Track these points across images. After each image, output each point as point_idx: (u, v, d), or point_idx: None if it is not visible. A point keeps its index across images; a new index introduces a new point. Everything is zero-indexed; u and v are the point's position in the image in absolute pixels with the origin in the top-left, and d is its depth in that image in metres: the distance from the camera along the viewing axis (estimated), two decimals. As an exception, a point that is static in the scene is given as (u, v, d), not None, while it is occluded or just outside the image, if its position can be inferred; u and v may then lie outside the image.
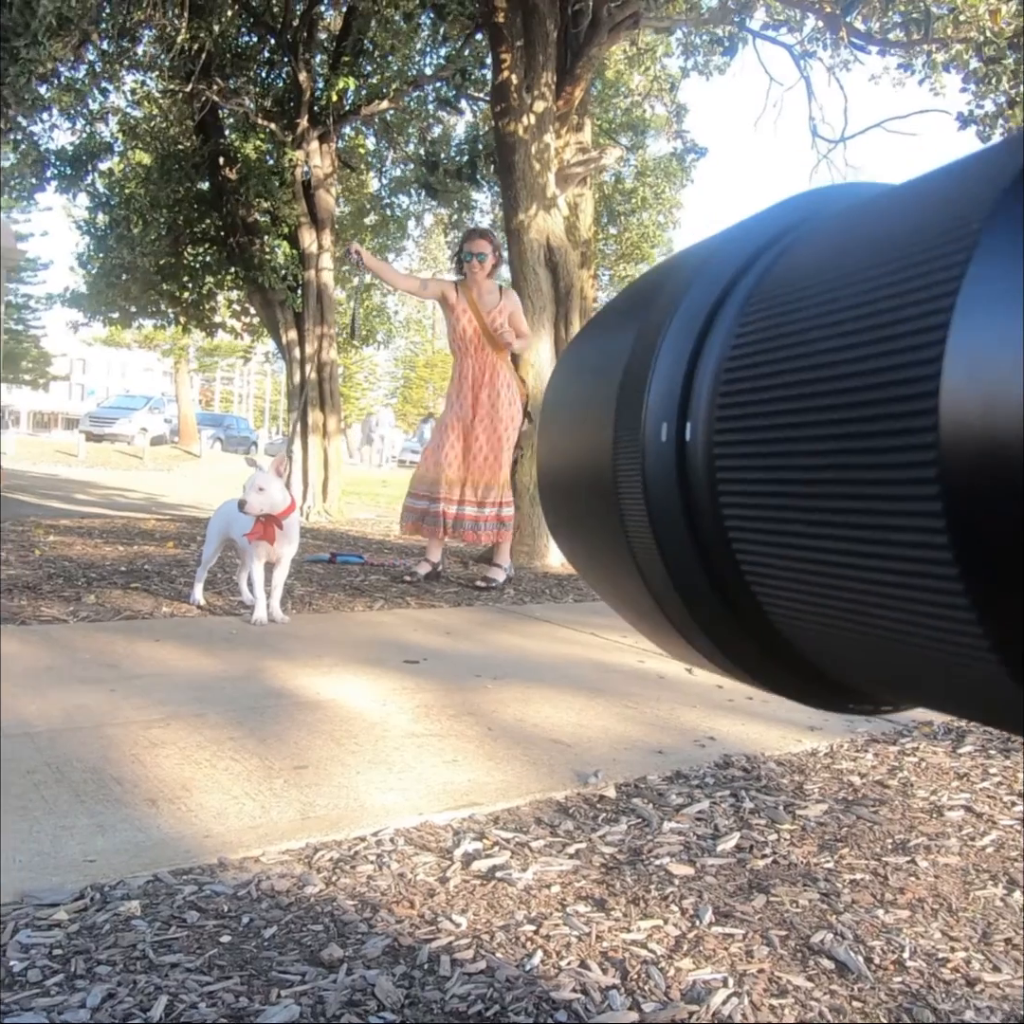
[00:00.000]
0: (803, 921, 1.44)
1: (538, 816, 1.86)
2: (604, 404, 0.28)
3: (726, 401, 0.24)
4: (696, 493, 0.24)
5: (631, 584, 0.29)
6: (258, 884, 1.48)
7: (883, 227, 0.21)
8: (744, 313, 0.24)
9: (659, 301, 0.27)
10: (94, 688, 2.54)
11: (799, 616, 0.23)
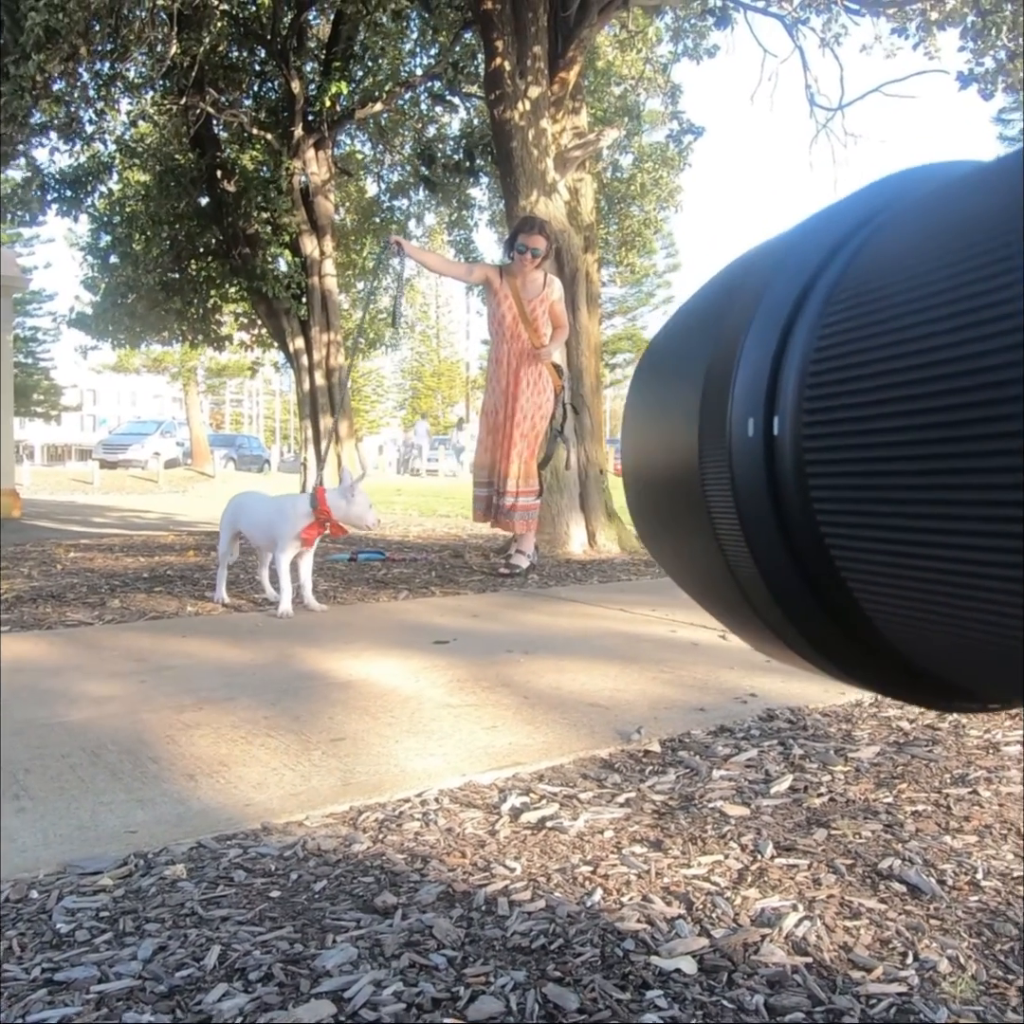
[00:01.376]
0: (868, 851, 1.39)
1: (584, 772, 1.81)
2: (688, 402, 0.27)
3: (814, 393, 0.23)
4: (786, 488, 0.24)
5: (724, 586, 0.28)
6: (304, 845, 1.45)
7: (968, 211, 0.21)
8: (829, 304, 0.24)
9: (741, 296, 0.27)
10: (124, 680, 2.51)
11: (900, 613, 0.22)
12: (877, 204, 0.25)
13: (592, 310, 6.23)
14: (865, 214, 0.25)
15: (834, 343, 0.23)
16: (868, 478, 0.21)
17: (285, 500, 3.71)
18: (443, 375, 47.03)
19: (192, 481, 23.80)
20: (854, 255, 0.24)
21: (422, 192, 9.69)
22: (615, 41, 9.00)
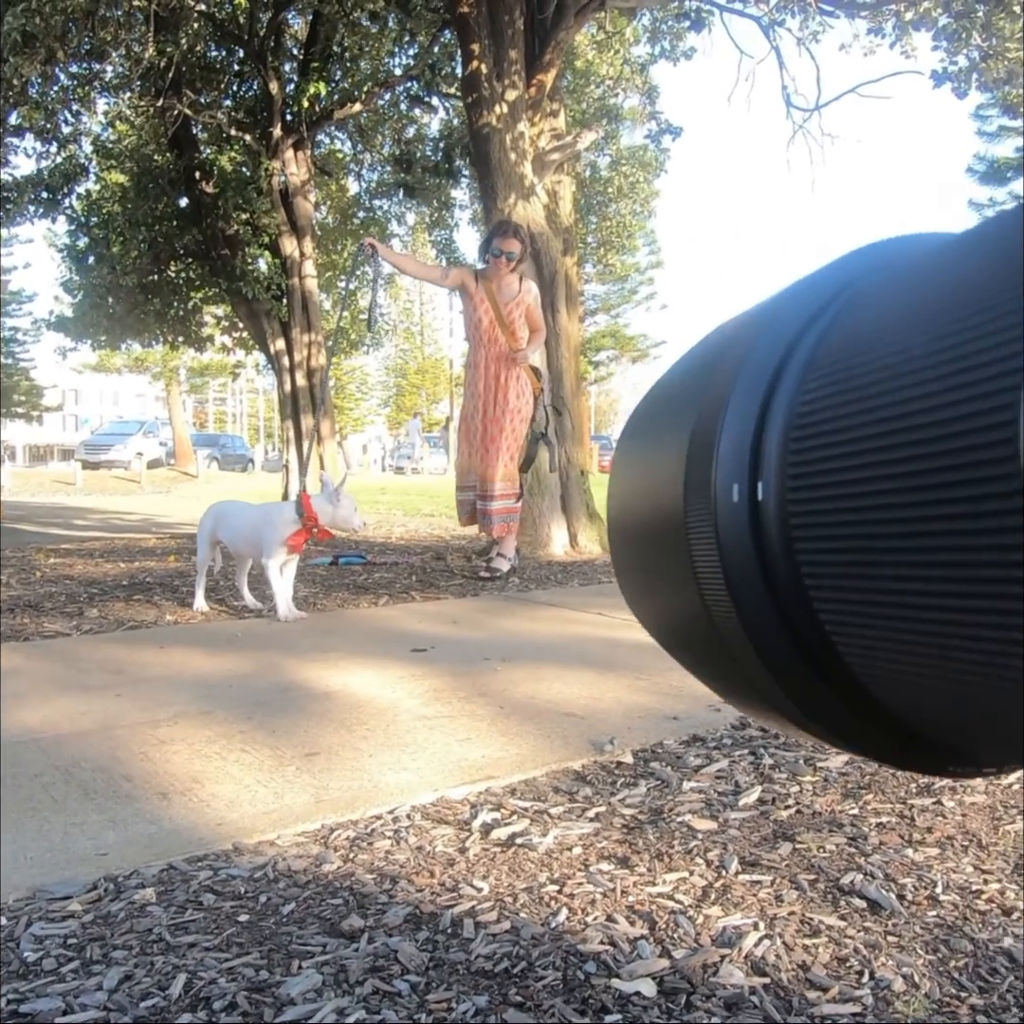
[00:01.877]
0: (831, 865, 1.41)
1: (555, 785, 1.83)
2: (673, 466, 0.28)
3: (797, 459, 0.23)
4: (772, 551, 0.24)
5: (709, 647, 0.28)
6: (274, 865, 1.46)
7: (945, 281, 0.21)
8: (808, 372, 0.24)
9: (722, 365, 0.27)
10: (99, 694, 2.51)
11: (890, 674, 0.22)
12: (851, 274, 0.26)
13: (572, 312, 6.25)
14: (839, 284, 0.26)
15: (814, 409, 0.23)
16: (852, 541, 0.22)
17: (271, 507, 3.72)
18: (427, 372, 46.94)
19: (175, 481, 23.70)
20: (831, 324, 0.25)
21: (401, 195, 9.68)
22: (593, 42, 9.01)
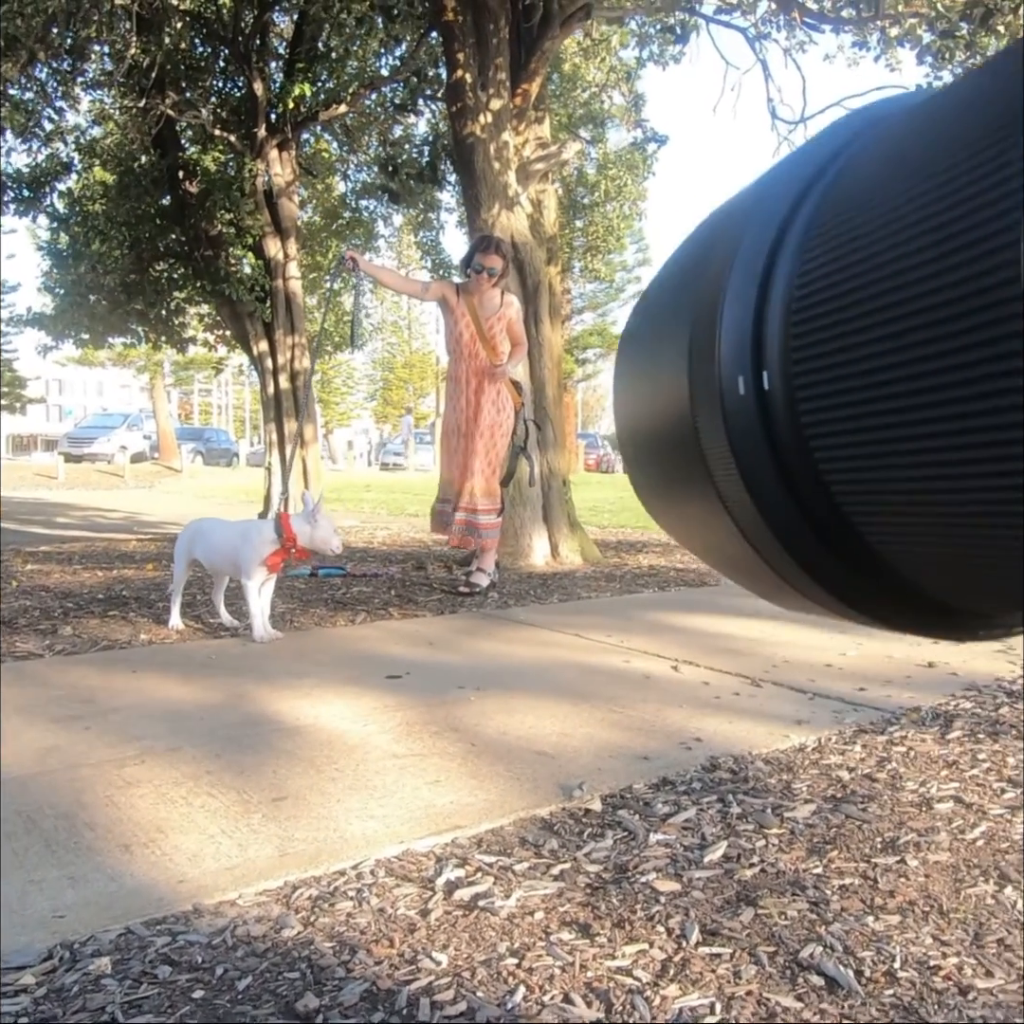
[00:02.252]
0: (792, 935, 1.41)
1: (522, 836, 1.82)
2: (675, 365, 0.27)
3: (799, 343, 0.23)
4: (783, 439, 0.24)
5: (727, 537, 0.28)
6: (233, 931, 1.44)
7: (933, 134, 0.21)
8: (804, 249, 0.24)
9: (717, 252, 0.27)
10: (68, 727, 2.49)
11: (905, 540, 0.23)
12: (842, 141, 0.26)
13: (554, 322, 6.24)
14: (831, 152, 0.25)
15: (813, 289, 0.23)
16: (861, 420, 0.22)
17: (249, 526, 3.70)
18: (414, 366, 46.83)
19: (159, 476, 23.58)
20: (824, 194, 0.24)
21: (385, 201, 9.63)
22: (579, 49, 8.98)
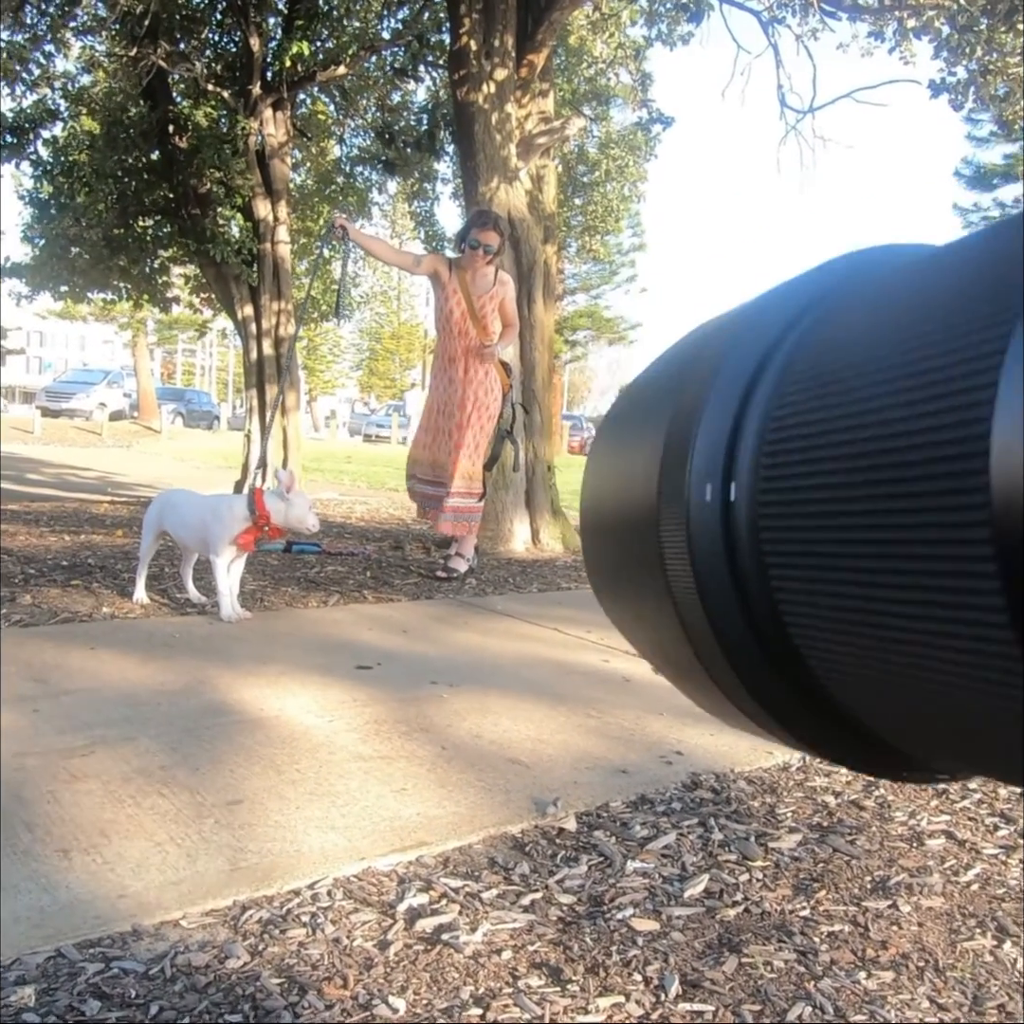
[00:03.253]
0: (779, 990, 1.31)
1: (492, 856, 1.71)
2: (648, 465, 0.28)
3: (770, 461, 0.24)
4: (741, 550, 0.24)
5: (678, 647, 0.28)
6: (174, 959, 1.33)
7: (923, 293, 0.21)
8: (786, 376, 0.24)
9: (699, 367, 0.28)
10: (17, 709, 2.35)
11: (847, 675, 0.23)
12: (833, 280, 0.26)
13: (548, 303, 6.09)
14: (820, 290, 0.26)
15: (790, 413, 0.23)
16: (820, 545, 0.22)
17: (220, 501, 3.54)
18: (402, 338, 46.39)
19: (137, 436, 23.23)
20: (809, 330, 0.25)
21: (380, 170, 9.39)
22: (588, 22, 8.75)
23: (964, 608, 0.18)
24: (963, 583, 0.18)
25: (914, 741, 0.23)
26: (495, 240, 4.45)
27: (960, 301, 0.19)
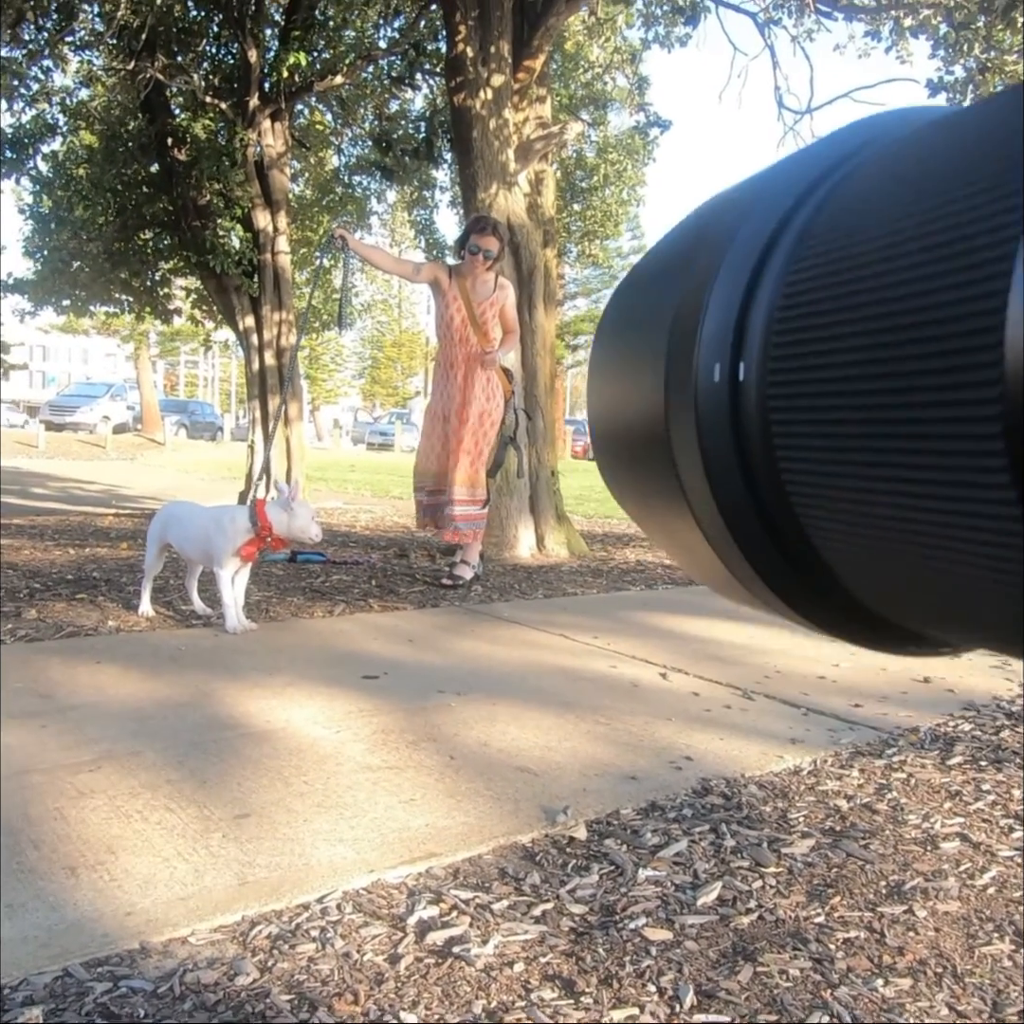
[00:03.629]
0: (795, 999, 1.29)
1: (502, 866, 1.70)
2: (654, 348, 0.27)
3: (780, 340, 0.23)
4: (749, 431, 0.24)
5: (685, 530, 0.28)
6: (183, 976, 1.31)
7: (941, 157, 0.20)
8: (797, 250, 0.24)
9: (708, 242, 0.27)
10: (23, 725, 2.34)
11: (855, 555, 0.23)
12: (849, 147, 0.25)
13: (549, 308, 6.08)
14: (837, 158, 0.25)
15: (802, 289, 0.23)
16: (827, 425, 0.22)
17: (223, 513, 3.54)
18: (403, 346, 46.46)
19: (141, 448, 23.27)
20: (824, 200, 0.24)
21: (379, 178, 9.40)
22: (584, 27, 8.75)
23: (969, 471, 0.18)
24: (970, 449, 0.18)
25: (916, 614, 0.24)
26: (494, 245, 4.45)
27: (973, 172, 0.19)
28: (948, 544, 0.19)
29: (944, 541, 0.20)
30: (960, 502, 0.19)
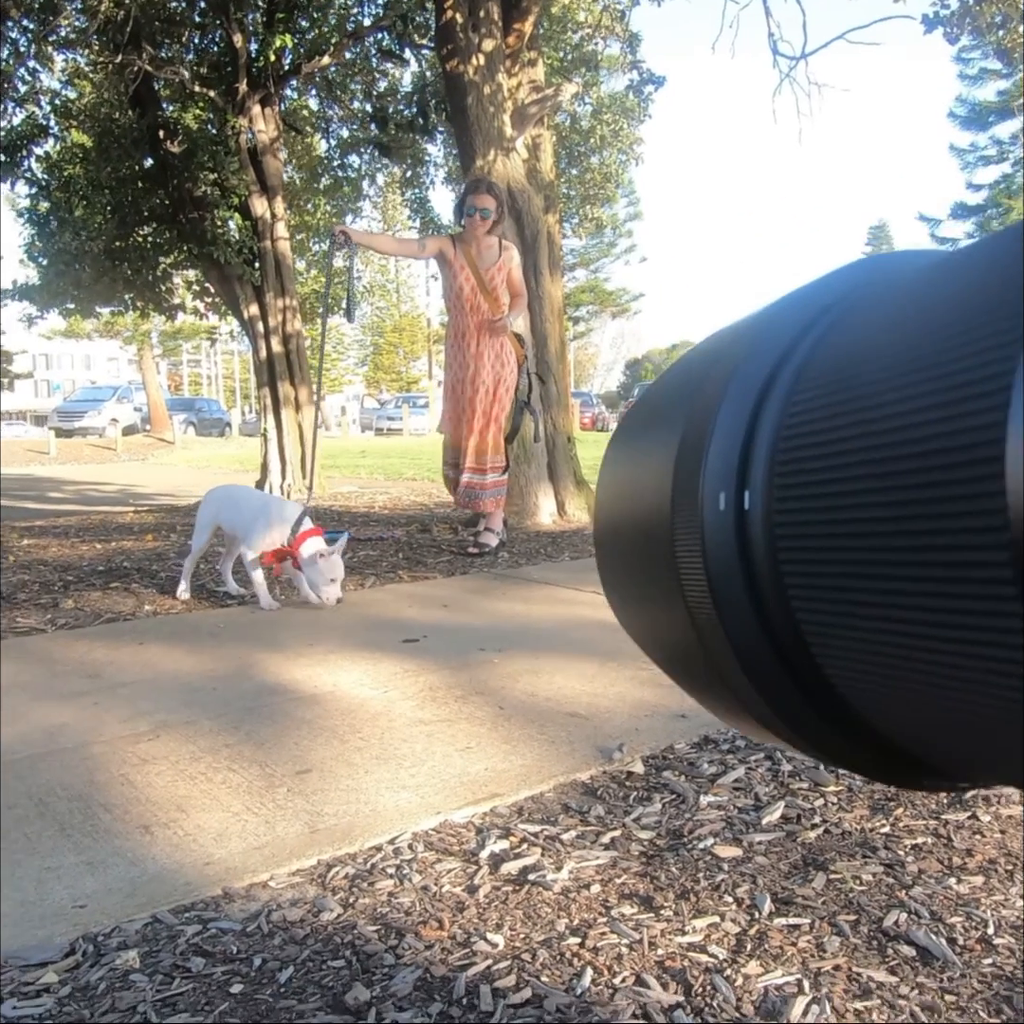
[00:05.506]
0: (871, 901, 1.31)
1: (565, 802, 1.72)
2: (661, 473, 0.28)
3: (784, 469, 0.24)
4: (757, 561, 0.24)
5: (693, 658, 0.28)
6: (268, 916, 1.34)
7: (935, 302, 0.21)
8: (798, 384, 0.24)
9: (713, 374, 0.27)
10: (75, 703, 2.37)
11: (866, 686, 0.22)
12: (844, 288, 0.26)
13: (555, 273, 6.06)
14: (833, 297, 0.26)
15: (804, 420, 0.23)
16: (837, 553, 0.22)
17: (276, 503, 3.62)
18: (404, 330, 46.36)
19: (152, 448, 23.35)
20: (822, 337, 0.25)
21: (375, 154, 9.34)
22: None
23: (982, 614, 0.18)
24: (981, 583, 0.18)
25: (933, 748, 0.23)
26: (490, 203, 4.42)
27: (971, 314, 0.19)
28: (961, 676, 0.19)
29: (960, 674, 0.19)
30: (971, 631, 0.18)
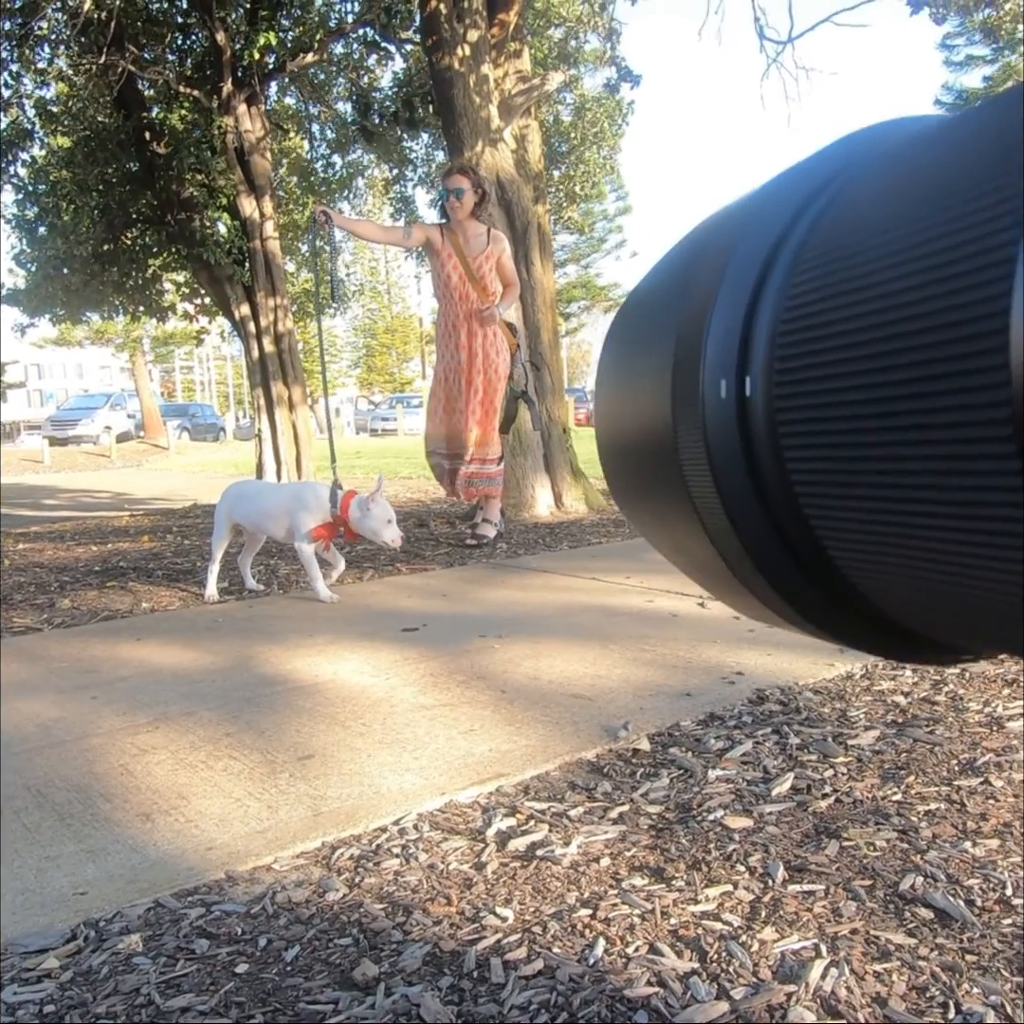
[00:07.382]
0: (886, 866, 1.29)
1: (571, 780, 1.70)
2: (660, 366, 0.27)
3: (785, 353, 0.23)
4: (759, 446, 0.24)
5: (698, 544, 0.28)
6: (273, 897, 1.32)
7: (935, 165, 0.21)
8: (797, 263, 0.24)
9: (708, 260, 0.27)
10: (73, 697, 2.35)
11: (869, 563, 0.23)
12: (842, 161, 0.25)
13: (546, 263, 6.04)
14: (830, 171, 0.25)
15: (803, 302, 0.23)
16: (838, 436, 0.21)
17: (305, 488, 3.54)
18: (396, 331, 46.29)
19: (146, 454, 23.29)
20: (821, 213, 0.24)
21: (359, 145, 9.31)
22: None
23: (984, 489, 0.18)
24: (984, 465, 0.18)
25: (934, 619, 0.23)
26: (463, 182, 4.38)
27: (971, 177, 0.19)
28: (960, 539, 0.19)
29: (957, 542, 0.19)
30: (973, 506, 0.19)
